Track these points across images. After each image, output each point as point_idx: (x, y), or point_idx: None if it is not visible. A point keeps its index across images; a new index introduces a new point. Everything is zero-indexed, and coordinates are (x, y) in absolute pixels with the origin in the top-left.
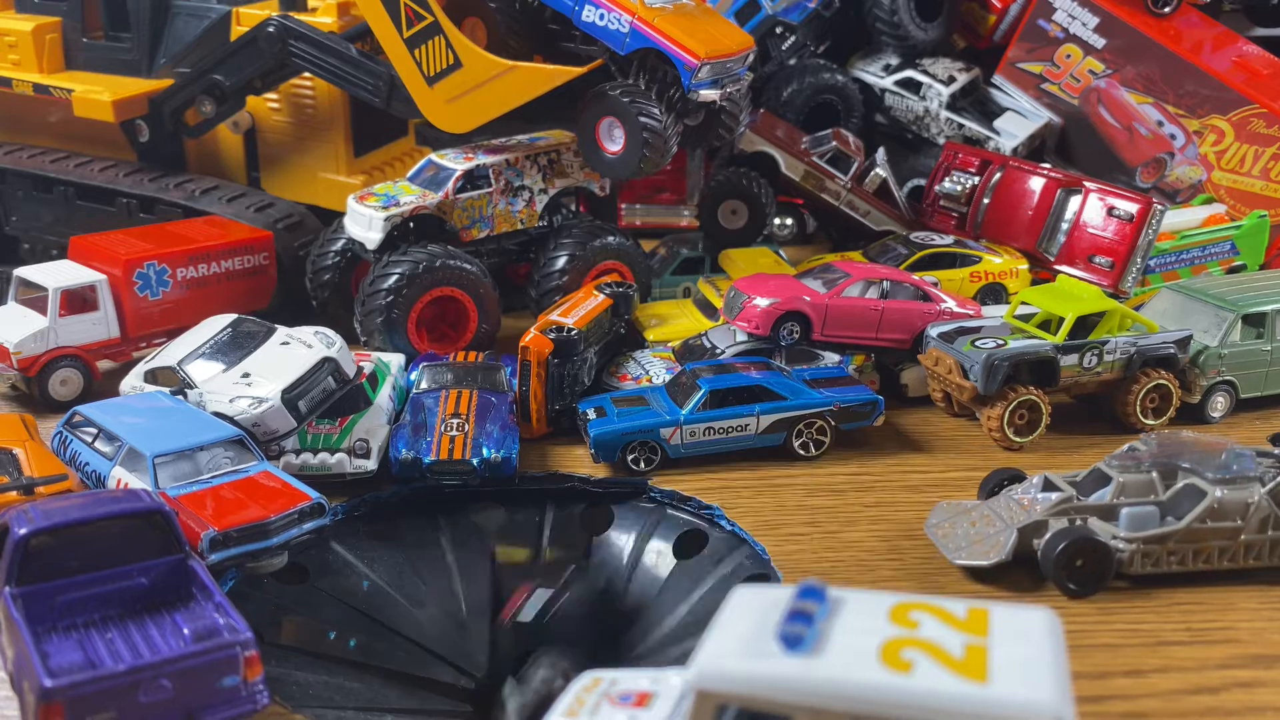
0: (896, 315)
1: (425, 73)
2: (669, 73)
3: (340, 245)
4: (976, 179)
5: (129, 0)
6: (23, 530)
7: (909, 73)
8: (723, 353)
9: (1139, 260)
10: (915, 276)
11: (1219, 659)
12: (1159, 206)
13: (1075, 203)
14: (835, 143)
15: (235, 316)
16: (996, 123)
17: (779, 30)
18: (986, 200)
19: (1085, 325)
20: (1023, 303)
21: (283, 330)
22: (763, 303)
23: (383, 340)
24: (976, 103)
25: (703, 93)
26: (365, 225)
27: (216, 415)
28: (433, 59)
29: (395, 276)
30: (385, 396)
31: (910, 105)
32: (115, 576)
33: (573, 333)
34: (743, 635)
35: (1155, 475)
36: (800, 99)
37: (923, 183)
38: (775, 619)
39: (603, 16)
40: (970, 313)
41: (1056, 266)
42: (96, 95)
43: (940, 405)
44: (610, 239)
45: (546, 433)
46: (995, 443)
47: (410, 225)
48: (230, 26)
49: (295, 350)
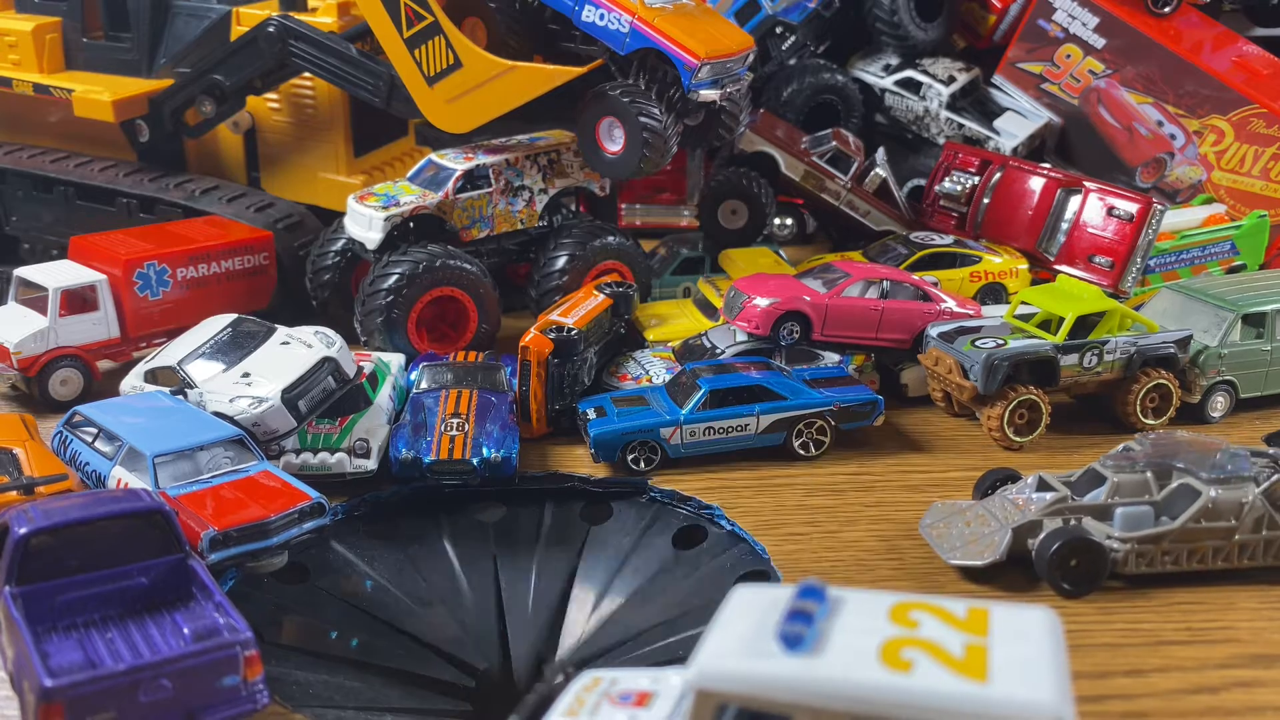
0: (896, 315)
1: (425, 73)
2: (669, 73)
3: (340, 245)
4: (976, 179)
5: (129, 0)
6: (23, 530)
7: (909, 73)
8: (723, 353)
9: (1139, 260)
10: (915, 276)
11: (1219, 659)
12: (1159, 206)
13: (1075, 203)
14: (835, 143)
15: (235, 316)
16: (996, 123)
17: (779, 30)
18: (986, 200)
19: (1085, 325)
20: (1023, 303)
21: (283, 330)
22: (763, 303)
23: (383, 340)
24: (976, 103)
25: (703, 93)
26: (365, 225)
27: (216, 415)
28: (433, 59)
29: (395, 276)
30: (385, 396)
31: (910, 105)
32: (115, 576)
33: (573, 333)
34: (743, 635)
35: (1150, 475)
36: (800, 99)
37: (923, 183)
38: (775, 619)
39: (603, 16)
40: (970, 313)
41: (1056, 266)
42: (96, 95)
43: (940, 405)
44: (610, 239)
45: (546, 433)
46: (995, 442)
47: (410, 225)
48: (230, 26)
49: (295, 350)
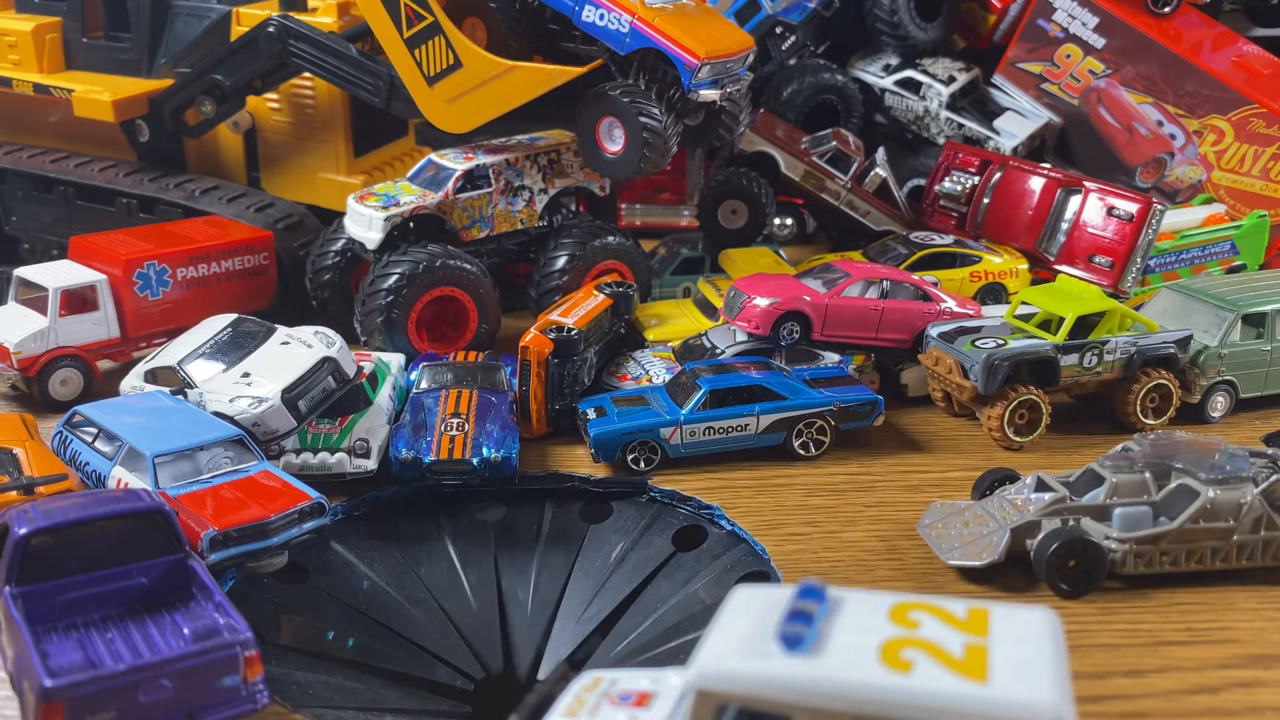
0: (896, 315)
1: (425, 73)
2: (669, 73)
3: (340, 245)
4: (976, 179)
5: (129, 0)
6: (23, 530)
7: (909, 73)
8: (723, 353)
9: (1139, 260)
10: (915, 276)
11: (1219, 659)
12: (1159, 206)
13: (1075, 203)
14: (835, 143)
15: (235, 316)
16: (996, 123)
17: (779, 30)
18: (986, 200)
19: (1085, 325)
20: (1023, 303)
21: (283, 330)
22: (763, 303)
23: (383, 340)
24: (976, 103)
25: (703, 93)
26: (365, 225)
27: (216, 415)
28: (433, 59)
29: (395, 276)
30: (385, 396)
31: (910, 105)
32: (115, 576)
33: (573, 333)
34: (743, 635)
35: (1148, 475)
36: (800, 99)
37: (923, 183)
38: (775, 619)
39: (603, 16)
40: (970, 313)
41: (1056, 266)
42: (96, 95)
43: (940, 405)
44: (610, 239)
45: (546, 433)
46: (995, 442)
47: (410, 225)
48: (230, 26)
49: (295, 350)
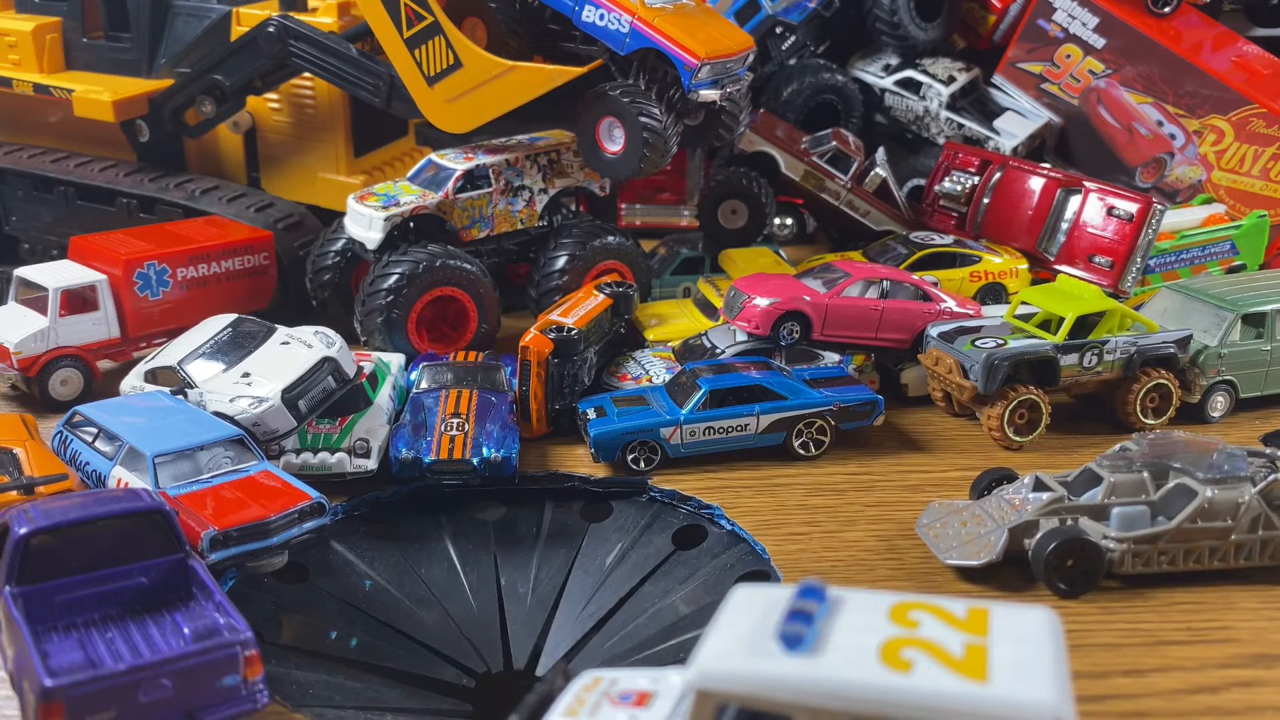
0: (896, 315)
1: (425, 73)
2: (669, 73)
3: (340, 245)
4: (976, 179)
5: (129, 0)
6: (23, 530)
7: (909, 73)
8: (723, 353)
9: (1139, 260)
10: (915, 276)
11: (1219, 659)
12: (1159, 206)
13: (1075, 203)
14: (835, 143)
15: (235, 316)
16: (996, 123)
17: (779, 30)
18: (986, 200)
19: (1085, 325)
20: (1023, 303)
21: (283, 330)
22: (763, 303)
23: (383, 340)
24: (976, 103)
25: (703, 93)
26: (365, 225)
27: (216, 415)
28: (433, 59)
29: (395, 276)
30: (385, 396)
31: (910, 105)
32: (115, 576)
33: (573, 333)
34: (743, 635)
35: (1146, 475)
36: (800, 99)
37: (923, 183)
38: (775, 619)
39: (603, 16)
40: (970, 313)
41: (1056, 266)
42: (96, 95)
43: (940, 405)
44: (610, 239)
45: (546, 433)
46: (995, 442)
47: (410, 225)
48: (230, 26)
49: (295, 350)
